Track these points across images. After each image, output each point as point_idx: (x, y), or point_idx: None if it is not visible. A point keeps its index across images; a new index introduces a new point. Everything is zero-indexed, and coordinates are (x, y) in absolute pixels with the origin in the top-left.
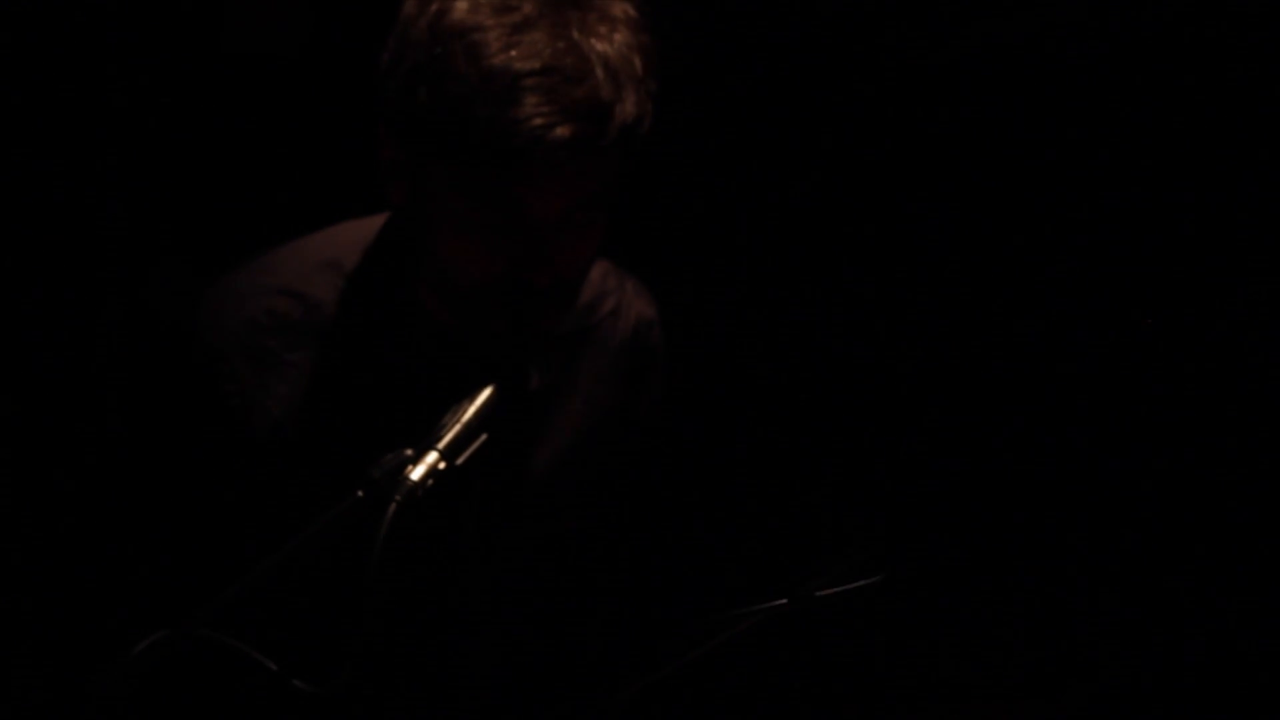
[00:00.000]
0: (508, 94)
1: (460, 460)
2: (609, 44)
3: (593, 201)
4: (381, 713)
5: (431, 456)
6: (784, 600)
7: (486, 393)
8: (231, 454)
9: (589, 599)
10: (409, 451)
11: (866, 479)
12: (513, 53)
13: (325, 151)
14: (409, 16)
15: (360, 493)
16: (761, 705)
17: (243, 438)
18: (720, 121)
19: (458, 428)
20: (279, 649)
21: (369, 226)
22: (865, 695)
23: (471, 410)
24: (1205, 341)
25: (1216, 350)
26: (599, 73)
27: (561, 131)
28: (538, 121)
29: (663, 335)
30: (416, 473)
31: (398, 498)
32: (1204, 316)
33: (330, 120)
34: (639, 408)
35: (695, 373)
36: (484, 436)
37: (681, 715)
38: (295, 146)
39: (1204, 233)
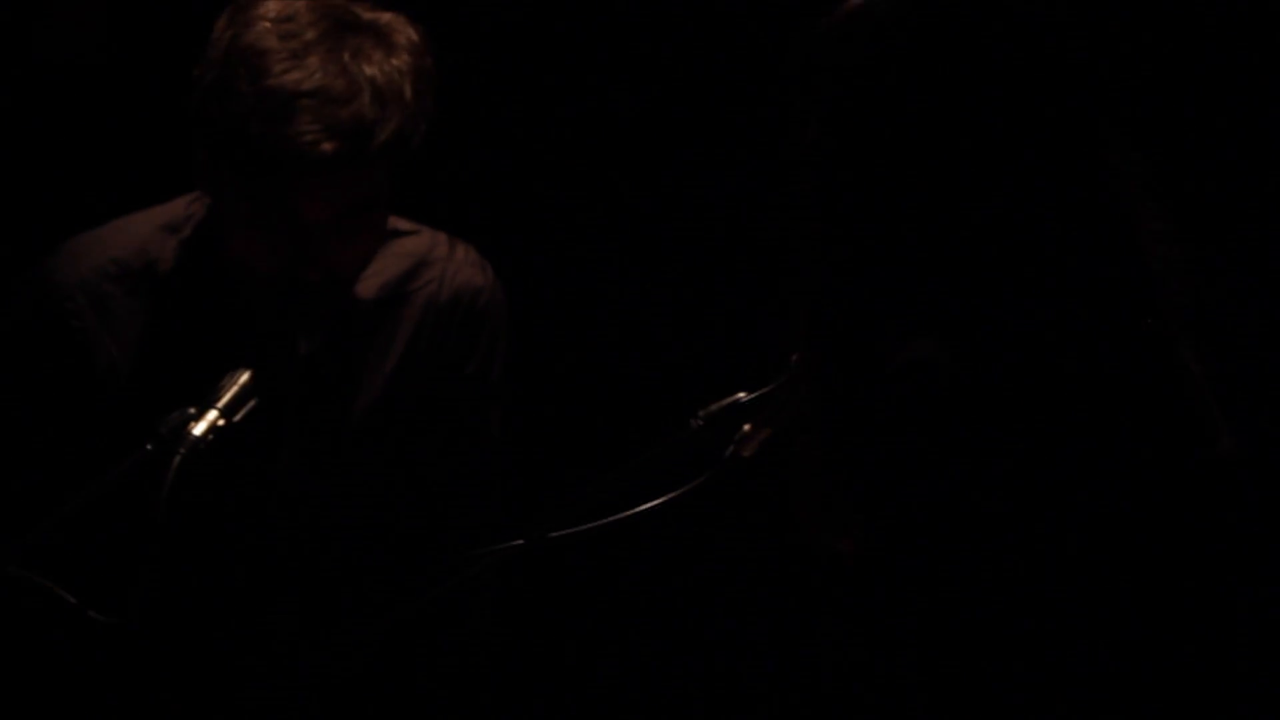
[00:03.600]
0: (281, 113)
1: (238, 418)
2: (380, 69)
3: (359, 208)
4: (198, 640)
5: (211, 414)
6: (520, 541)
7: (248, 373)
8: (76, 385)
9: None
10: (192, 410)
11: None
12: (288, 76)
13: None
14: (215, 38)
15: (149, 446)
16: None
17: (87, 370)
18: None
19: (235, 389)
20: (83, 585)
21: (205, 200)
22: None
23: (245, 376)
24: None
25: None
26: (366, 95)
27: (327, 147)
28: (306, 138)
29: (498, 301)
30: (198, 429)
31: (181, 451)
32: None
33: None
34: (469, 367)
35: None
36: (254, 401)
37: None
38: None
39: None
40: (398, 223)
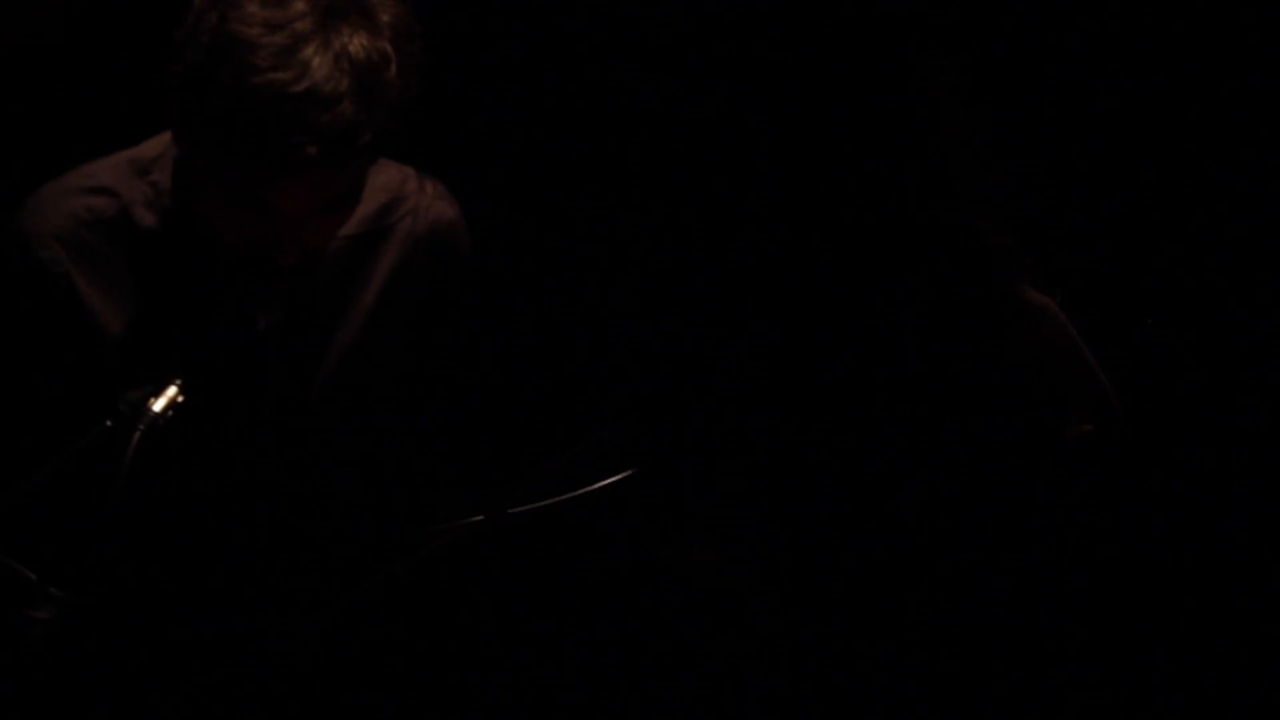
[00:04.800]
0: (266, 113)
1: (194, 396)
2: (369, 57)
3: (335, 200)
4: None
5: (171, 390)
6: (479, 517)
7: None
8: (67, 330)
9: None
10: (152, 385)
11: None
12: (275, 75)
13: None
14: (198, 10)
15: (109, 423)
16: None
17: (76, 314)
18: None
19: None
20: (44, 562)
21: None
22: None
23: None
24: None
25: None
26: (351, 97)
27: (311, 150)
28: (290, 140)
29: (466, 234)
30: (158, 405)
31: (141, 427)
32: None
33: None
34: (441, 299)
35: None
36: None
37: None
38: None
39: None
40: None
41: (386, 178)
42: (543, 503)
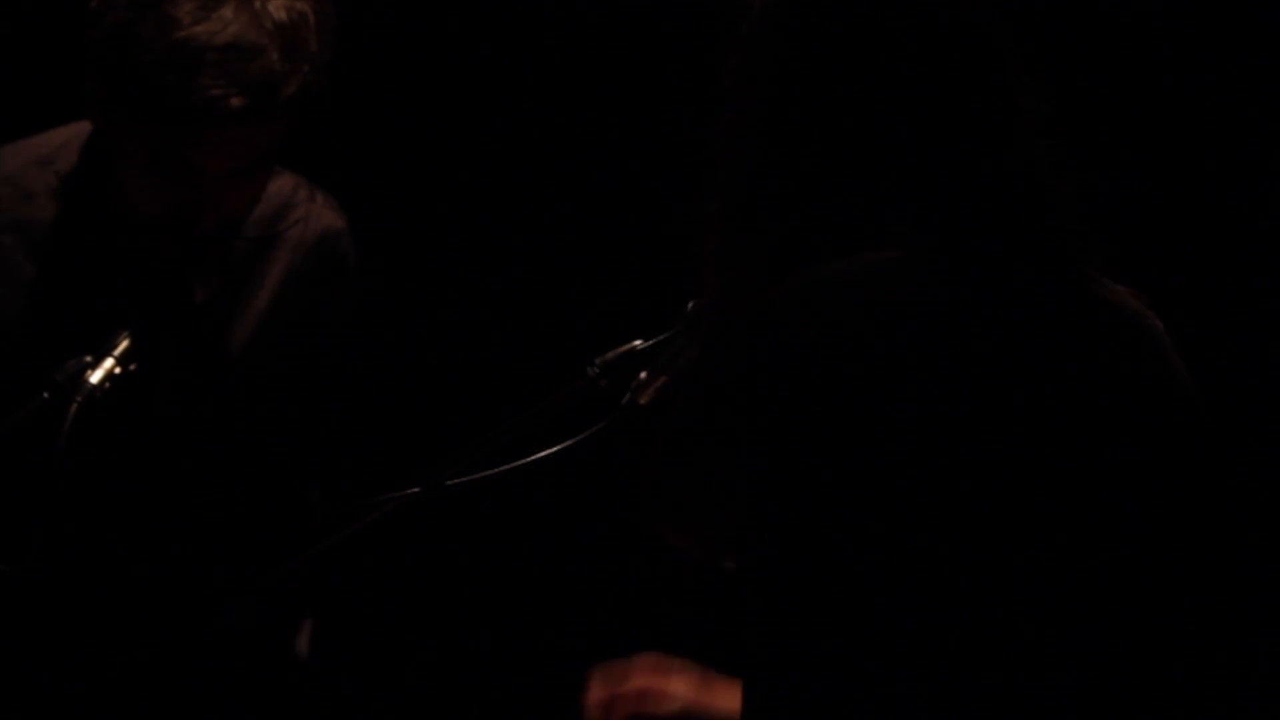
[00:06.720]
0: (191, 66)
1: (133, 366)
2: (288, 13)
3: (258, 160)
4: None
5: (108, 363)
6: (416, 489)
7: (126, 340)
8: None
9: (285, 478)
10: (88, 358)
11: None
12: (198, 28)
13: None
14: None
15: (45, 395)
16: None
17: None
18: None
19: (130, 339)
20: None
21: (84, 130)
22: None
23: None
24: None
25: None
26: (275, 49)
27: (235, 102)
28: (214, 92)
29: (352, 245)
30: (95, 376)
31: (78, 399)
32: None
33: None
34: (328, 308)
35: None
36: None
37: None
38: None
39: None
40: None
41: (279, 185)
42: (481, 474)
